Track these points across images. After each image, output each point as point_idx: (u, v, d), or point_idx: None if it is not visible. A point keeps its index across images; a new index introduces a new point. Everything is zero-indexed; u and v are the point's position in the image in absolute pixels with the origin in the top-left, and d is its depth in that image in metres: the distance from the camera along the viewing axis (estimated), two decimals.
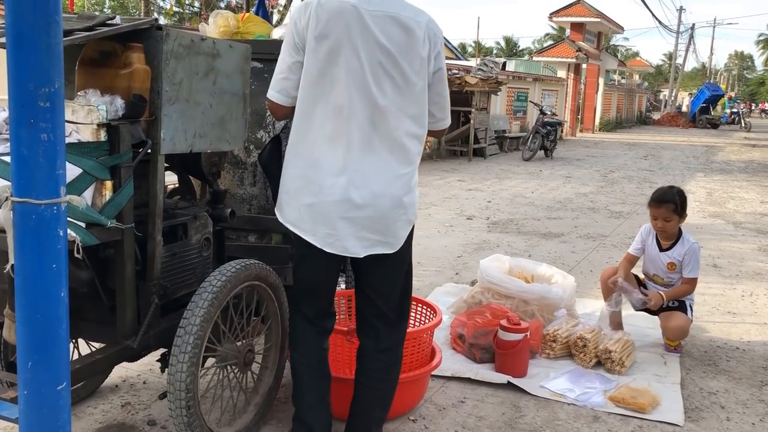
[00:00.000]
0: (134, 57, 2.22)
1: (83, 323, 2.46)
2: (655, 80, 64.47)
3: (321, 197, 2.21)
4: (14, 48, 1.34)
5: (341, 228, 2.22)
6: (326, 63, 2.17)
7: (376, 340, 2.46)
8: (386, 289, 2.43)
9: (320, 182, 2.21)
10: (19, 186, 1.39)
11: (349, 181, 2.20)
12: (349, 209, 2.21)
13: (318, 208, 2.23)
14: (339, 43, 2.15)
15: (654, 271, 4.04)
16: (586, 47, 24.32)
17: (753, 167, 15.26)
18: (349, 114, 2.18)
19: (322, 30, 2.15)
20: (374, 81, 2.18)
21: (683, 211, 3.90)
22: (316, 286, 2.45)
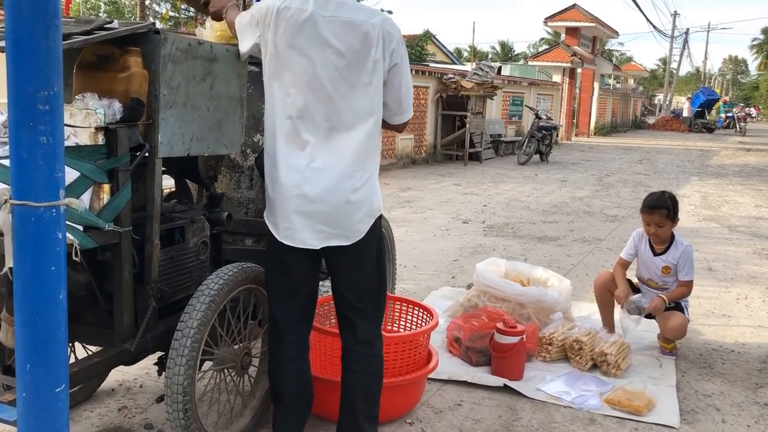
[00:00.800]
0: (132, 61, 2.23)
1: (80, 326, 2.46)
2: (650, 84, 64.62)
3: (279, 192, 2.35)
4: (14, 52, 1.35)
5: (297, 222, 2.35)
6: (284, 67, 2.30)
7: (354, 334, 2.52)
8: (356, 283, 2.49)
9: (278, 179, 2.34)
10: (19, 189, 1.39)
11: (304, 178, 2.32)
12: (302, 204, 2.33)
13: (278, 203, 2.36)
14: (296, 48, 2.28)
15: (648, 275, 4.05)
16: (581, 52, 24.40)
17: (747, 171, 15.32)
18: (305, 114, 2.31)
19: (281, 37, 2.28)
20: (330, 83, 2.30)
21: (675, 215, 3.91)
22: (288, 295, 2.49)
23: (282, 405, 2.55)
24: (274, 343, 2.55)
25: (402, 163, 13.85)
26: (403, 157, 13.96)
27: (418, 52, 21.03)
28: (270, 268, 2.50)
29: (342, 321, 2.56)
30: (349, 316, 2.52)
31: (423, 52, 22.03)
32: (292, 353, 2.53)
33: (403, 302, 3.56)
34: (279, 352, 2.53)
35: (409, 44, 20.99)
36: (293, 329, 2.52)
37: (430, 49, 27.39)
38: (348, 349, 2.55)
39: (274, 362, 2.55)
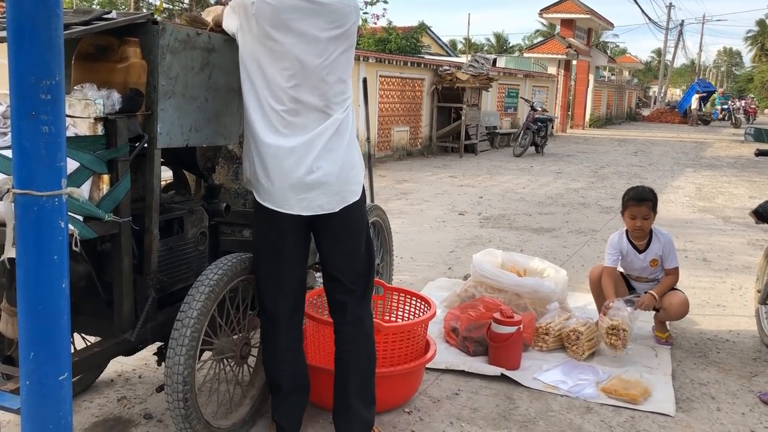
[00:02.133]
0: (131, 51, 2.23)
1: (80, 317, 2.45)
2: (644, 76, 64.70)
3: (275, 179, 2.44)
4: (15, 42, 1.36)
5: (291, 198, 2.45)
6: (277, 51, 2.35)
7: (344, 314, 2.57)
8: (349, 266, 2.55)
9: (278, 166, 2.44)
10: (21, 178, 1.40)
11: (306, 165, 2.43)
12: (302, 186, 2.44)
13: (275, 188, 2.46)
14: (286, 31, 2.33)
15: (638, 273, 4.07)
16: (576, 44, 24.39)
17: (741, 163, 15.36)
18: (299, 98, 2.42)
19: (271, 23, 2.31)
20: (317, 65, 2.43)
21: (656, 208, 3.98)
22: (275, 271, 2.54)
23: (280, 394, 2.58)
24: (267, 333, 2.57)
25: (398, 155, 13.86)
26: (399, 150, 13.96)
27: (413, 44, 20.99)
28: (261, 247, 2.53)
29: (334, 305, 2.61)
30: (341, 299, 2.57)
31: (418, 44, 21.98)
32: (286, 343, 2.55)
33: (401, 292, 3.58)
34: (274, 342, 2.55)
35: (405, 36, 20.96)
36: (289, 317, 2.55)
37: (425, 41, 27.34)
38: (338, 330, 2.60)
39: (269, 353, 2.58)
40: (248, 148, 2.45)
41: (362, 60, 12.19)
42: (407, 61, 14.36)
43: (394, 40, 20.33)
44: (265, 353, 2.60)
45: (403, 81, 13.96)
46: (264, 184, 2.41)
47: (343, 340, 2.60)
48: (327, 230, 2.50)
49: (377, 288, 3.64)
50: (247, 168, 2.49)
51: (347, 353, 2.59)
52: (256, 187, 2.45)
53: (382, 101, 13.23)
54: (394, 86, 13.64)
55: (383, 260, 4.13)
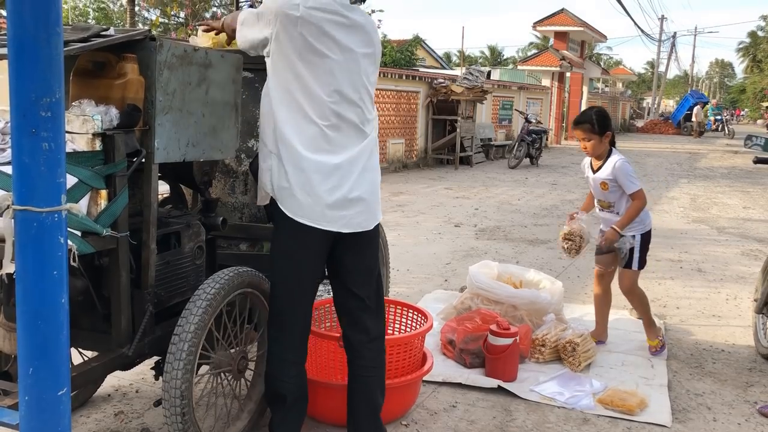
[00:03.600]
0: (128, 67, 2.25)
1: (77, 331, 2.46)
2: (638, 88, 65.03)
3: (314, 194, 2.40)
4: (16, 59, 1.37)
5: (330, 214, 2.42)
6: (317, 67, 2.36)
7: (366, 332, 2.55)
8: (367, 281, 2.55)
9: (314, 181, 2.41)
10: (21, 194, 1.41)
11: (346, 180, 2.44)
12: (342, 202, 2.44)
13: (311, 202, 2.41)
14: (327, 47, 2.34)
15: (597, 195, 4.08)
16: (570, 56, 24.53)
17: (735, 173, 15.44)
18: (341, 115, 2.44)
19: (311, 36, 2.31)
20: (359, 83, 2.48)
21: (603, 130, 3.85)
22: (301, 290, 2.50)
23: (284, 407, 2.53)
24: (277, 345, 2.50)
25: (393, 167, 13.89)
26: (395, 162, 14.00)
27: (407, 57, 21.06)
28: (285, 262, 2.45)
29: (352, 322, 2.56)
30: (360, 315, 2.54)
31: (413, 57, 22.07)
32: (296, 355, 2.52)
33: (398, 305, 3.59)
34: (284, 355, 2.49)
35: (399, 49, 21.05)
36: (302, 330, 2.51)
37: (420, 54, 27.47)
38: (361, 349, 2.55)
39: (276, 365, 2.51)
40: (280, 161, 2.36)
41: None
42: (402, 74, 14.43)
43: (388, 53, 20.41)
44: (273, 365, 2.52)
45: (399, 94, 14.01)
46: (300, 199, 2.35)
47: (366, 358, 2.55)
48: (355, 247, 2.48)
49: None
50: (274, 182, 2.39)
51: (373, 370, 2.56)
52: (287, 202, 2.37)
53: (377, 114, 13.25)
54: (389, 99, 13.69)
55: (380, 272, 4.13)
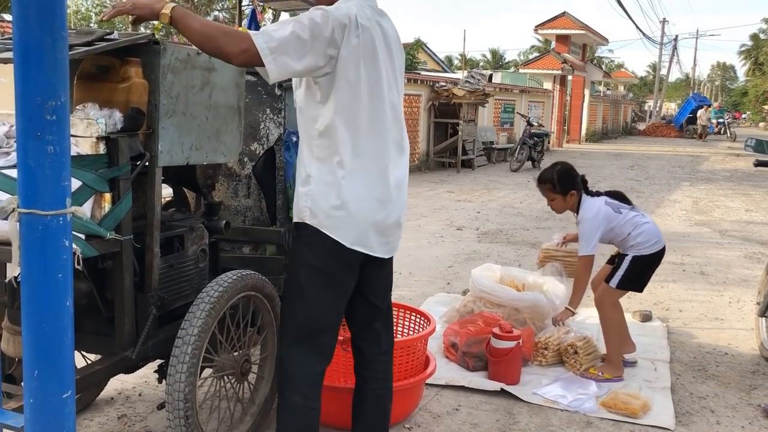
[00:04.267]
0: (132, 71, 2.25)
1: (81, 335, 2.46)
2: (640, 91, 65.00)
3: (361, 210, 2.23)
4: (22, 63, 1.38)
5: (372, 235, 2.27)
6: (367, 82, 2.20)
7: (378, 344, 2.48)
8: (387, 293, 2.49)
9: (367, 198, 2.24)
10: (26, 197, 1.41)
11: (390, 197, 2.29)
12: (383, 220, 2.30)
13: (356, 219, 2.22)
14: (375, 62, 2.19)
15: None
16: (572, 59, 24.55)
17: (737, 176, 15.44)
18: (390, 130, 2.29)
19: (363, 50, 2.14)
20: (398, 98, 2.34)
21: (565, 188, 3.70)
22: (340, 311, 2.35)
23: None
24: (311, 370, 2.31)
25: None
26: None
27: (409, 60, 21.12)
28: (324, 287, 2.25)
29: (369, 333, 2.46)
30: (378, 328, 2.47)
31: (414, 60, 22.13)
32: (322, 379, 2.37)
33: (401, 308, 3.59)
34: (318, 379, 2.33)
35: None
36: (332, 350, 2.36)
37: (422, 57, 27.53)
38: (373, 360, 2.48)
39: (309, 392, 2.31)
40: (331, 184, 2.16)
41: None
42: (404, 77, 14.43)
43: None
44: (303, 395, 2.29)
45: None
46: (357, 225, 2.19)
47: (378, 370, 2.48)
48: (382, 261, 2.37)
49: None
50: (319, 208, 2.18)
51: (384, 381, 2.50)
52: (340, 230, 2.19)
53: None
54: None
55: None
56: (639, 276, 3.69)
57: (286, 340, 2.31)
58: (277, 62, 2.00)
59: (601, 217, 3.64)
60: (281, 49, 1.99)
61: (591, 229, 3.65)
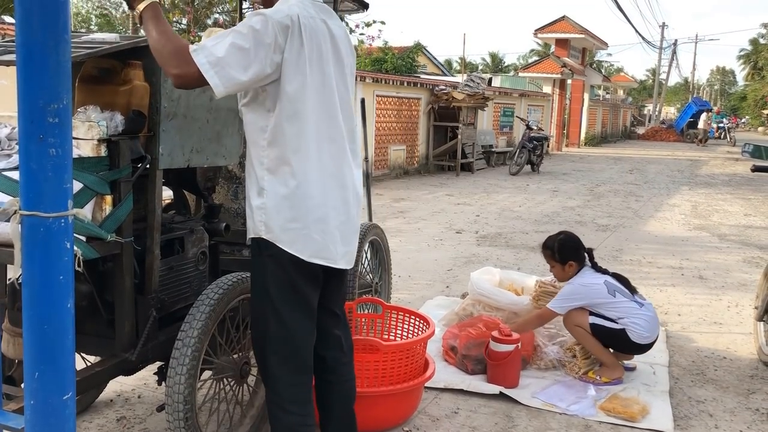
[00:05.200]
0: (133, 74, 2.27)
1: (81, 337, 2.46)
2: (639, 95, 65.10)
3: (320, 218, 2.16)
4: (24, 66, 1.38)
5: (334, 245, 2.21)
6: (316, 84, 2.13)
7: (341, 349, 2.43)
8: (343, 299, 2.48)
9: (325, 204, 2.16)
10: (28, 200, 1.42)
11: (347, 203, 2.25)
12: (344, 227, 2.26)
13: (316, 227, 2.15)
14: (322, 63, 2.13)
15: None
16: (571, 63, 24.59)
17: (736, 180, 15.45)
18: (343, 133, 2.23)
19: (310, 52, 2.07)
20: (345, 100, 2.24)
21: (564, 258, 3.73)
22: (312, 323, 2.29)
23: None
24: (302, 390, 2.26)
25: (395, 173, 13.91)
26: (396, 168, 14.02)
27: (409, 63, 21.16)
28: (292, 302, 2.18)
29: (331, 341, 2.41)
30: (338, 333, 2.44)
31: (414, 63, 22.16)
32: (311, 395, 2.34)
33: (400, 311, 3.59)
34: (309, 396, 2.30)
35: (401, 56, 21.14)
36: (312, 363, 2.30)
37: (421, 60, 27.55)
38: (336, 365, 2.43)
39: (303, 409, 2.26)
40: (286, 197, 2.09)
41: (359, 80, 12.28)
42: (404, 80, 14.47)
43: (390, 60, 20.50)
44: (300, 414, 2.24)
45: (400, 100, 14.05)
46: (315, 238, 2.13)
47: (343, 372, 2.46)
48: (341, 270, 2.32)
49: (376, 307, 3.66)
50: (274, 222, 2.10)
51: (350, 381, 2.48)
52: (298, 244, 2.12)
53: (379, 120, 13.30)
54: (390, 106, 13.73)
55: (381, 279, 4.15)
56: (615, 342, 3.63)
57: (268, 362, 2.22)
58: (221, 76, 1.92)
59: (588, 291, 3.64)
60: (223, 62, 1.91)
61: (572, 294, 3.65)
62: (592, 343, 3.62)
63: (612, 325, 3.58)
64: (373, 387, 2.94)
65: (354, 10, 4.65)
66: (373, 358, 2.97)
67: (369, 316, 3.63)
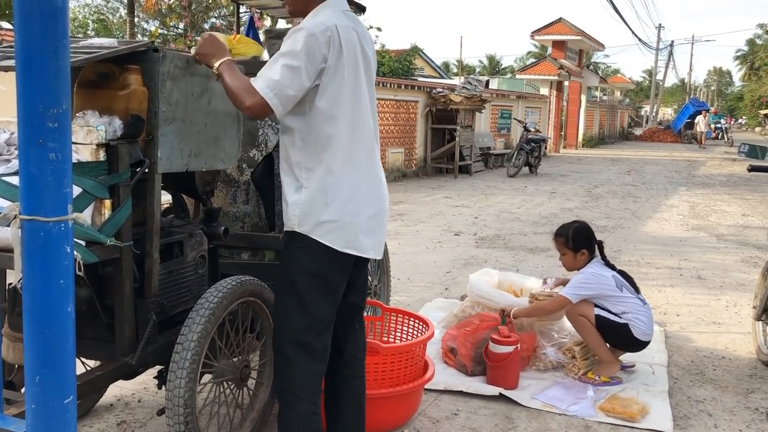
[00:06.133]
0: (132, 78, 2.27)
1: (80, 341, 2.46)
2: (636, 96, 65.18)
3: (354, 212, 2.27)
4: (24, 71, 1.39)
5: (363, 236, 2.31)
6: (351, 88, 2.25)
7: (357, 344, 2.54)
8: (365, 290, 2.56)
9: (359, 200, 2.27)
10: (28, 204, 1.42)
11: (378, 197, 2.37)
12: (375, 219, 2.36)
13: (350, 221, 2.25)
14: (355, 69, 2.25)
15: None
16: (568, 65, 24.63)
17: (734, 181, 15.48)
18: (372, 134, 2.37)
19: (346, 58, 2.19)
20: (371, 102, 2.38)
21: (577, 246, 3.77)
22: (334, 314, 2.36)
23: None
24: (313, 378, 2.32)
25: (393, 176, 13.92)
26: (394, 171, 14.03)
27: (406, 66, 21.14)
28: (319, 292, 2.27)
29: (350, 334, 2.50)
30: (358, 327, 2.53)
31: (411, 66, 22.16)
32: (321, 386, 2.39)
33: (399, 313, 3.60)
34: (319, 385, 2.37)
35: (398, 59, 21.14)
36: (328, 354, 2.38)
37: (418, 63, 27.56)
38: (352, 360, 2.52)
39: (313, 397, 2.32)
40: (324, 190, 2.20)
41: None
42: (401, 83, 14.49)
43: (387, 63, 20.50)
44: (309, 401, 2.30)
45: (398, 103, 14.07)
46: (348, 230, 2.23)
47: (357, 368, 2.53)
48: (364, 261, 2.42)
49: (375, 309, 3.67)
50: (310, 216, 2.21)
51: (361, 379, 2.54)
52: (332, 235, 2.22)
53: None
54: (388, 108, 13.74)
55: (381, 281, 4.15)
56: (617, 337, 3.65)
57: (285, 349, 2.30)
58: (279, 97, 2.09)
59: (600, 279, 3.68)
60: (279, 84, 2.08)
61: (585, 282, 3.69)
62: (593, 335, 3.64)
63: (616, 319, 3.61)
64: (374, 389, 2.94)
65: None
66: (372, 361, 2.97)
67: (368, 318, 3.63)
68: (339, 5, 2.28)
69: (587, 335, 3.67)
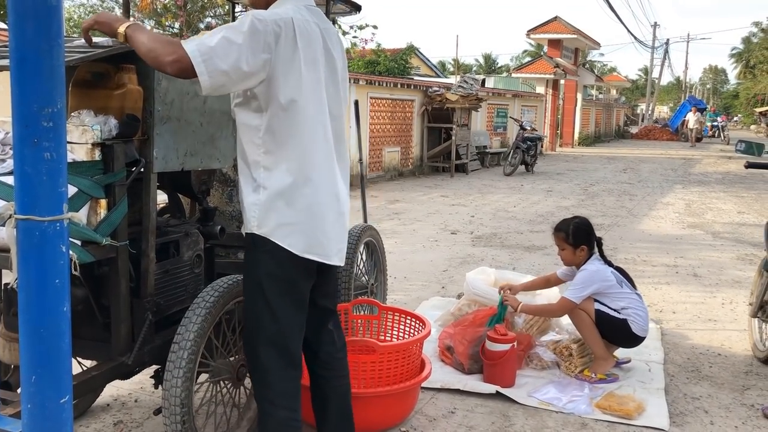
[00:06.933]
0: (127, 78, 2.27)
1: (77, 341, 2.46)
2: (632, 95, 65.22)
3: (316, 213, 2.21)
4: (18, 71, 1.39)
5: (329, 241, 2.26)
6: (309, 83, 2.17)
7: (334, 344, 2.49)
8: (335, 294, 2.55)
9: (319, 202, 2.20)
10: (23, 204, 1.42)
11: (339, 199, 2.29)
12: (338, 221, 2.30)
13: (313, 223, 2.19)
14: (315, 64, 2.17)
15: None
16: (564, 63, 24.65)
17: (729, 179, 15.51)
18: (332, 131, 2.28)
19: (303, 52, 2.11)
20: (335, 100, 2.29)
21: (577, 242, 3.78)
22: (303, 318, 2.32)
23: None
24: (291, 384, 2.28)
25: (389, 175, 13.92)
26: (390, 170, 14.03)
27: (402, 65, 21.14)
28: (285, 296, 2.22)
29: (324, 336, 2.47)
30: (331, 329, 2.49)
31: (407, 65, 22.15)
32: (300, 391, 2.34)
33: (396, 312, 3.60)
34: (297, 392, 2.30)
35: (394, 58, 21.14)
36: (301, 358, 2.35)
37: (414, 62, 27.54)
38: (330, 360, 2.48)
39: (293, 404, 2.28)
40: (282, 194, 2.14)
41: (353, 82, 12.28)
42: (397, 82, 14.48)
43: (383, 62, 20.49)
44: (288, 409, 2.26)
45: (394, 102, 14.06)
46: (309, 235, 2.18)
47: (337, 367, 2.49)
48: (332, 268, 2.39)
49: (372, 308, 3.67)
50: (269, 220, 2.15)
51: (344, 378, 2.52)
52: (292, 238, 2.16)
53: (373, 122, 13.32)
54: (384, 107, 13.74)
55: (377, 280, 4.15)
56: (615, 332, 3.64)
57: (259, 357, 2.24)
58: (207, 65, 1.94)
59: (601, 276, 3.69)
60: (212, 51, 1.94)
61: (587, 280, 3.68)
62: (591, 330, 3.65)
63: (615, 315, 3.62)
64: (370, 388, 2.95)
65: (347, 12, 4.66)
66: (369, 359, 2.98)
67: (365, 317, 3.64)
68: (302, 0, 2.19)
69: (585, 330, 3.68)
